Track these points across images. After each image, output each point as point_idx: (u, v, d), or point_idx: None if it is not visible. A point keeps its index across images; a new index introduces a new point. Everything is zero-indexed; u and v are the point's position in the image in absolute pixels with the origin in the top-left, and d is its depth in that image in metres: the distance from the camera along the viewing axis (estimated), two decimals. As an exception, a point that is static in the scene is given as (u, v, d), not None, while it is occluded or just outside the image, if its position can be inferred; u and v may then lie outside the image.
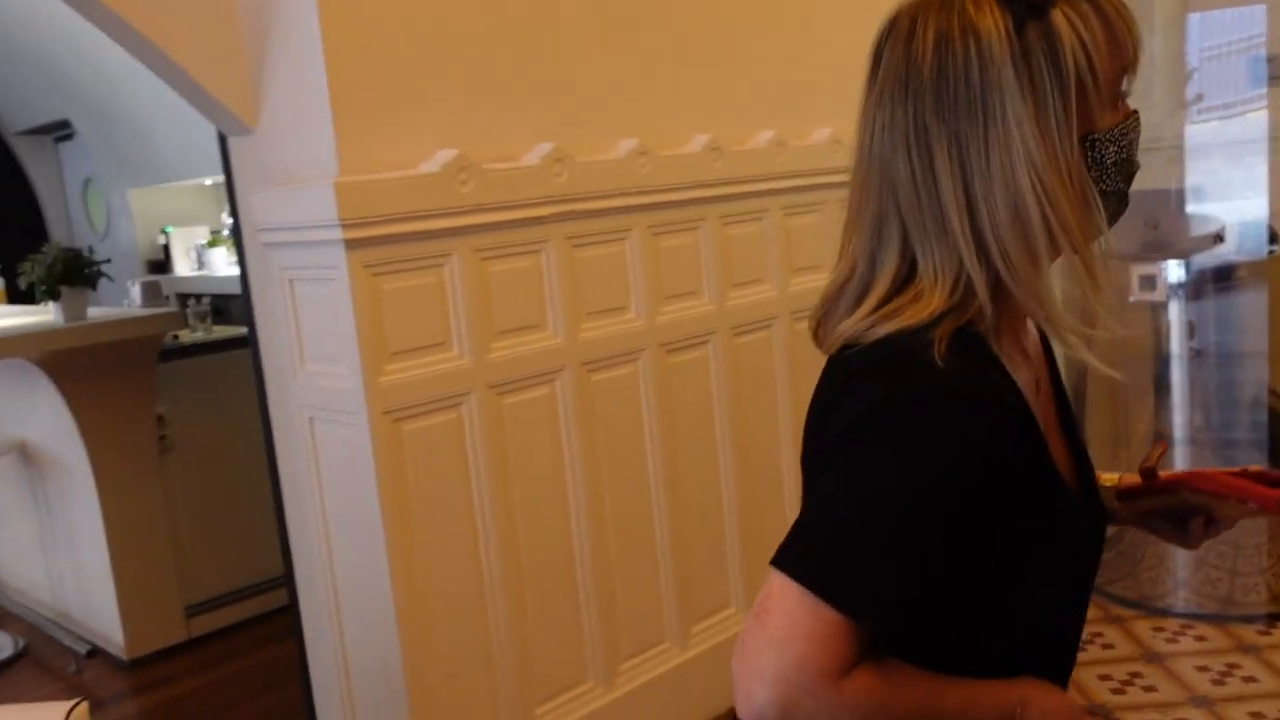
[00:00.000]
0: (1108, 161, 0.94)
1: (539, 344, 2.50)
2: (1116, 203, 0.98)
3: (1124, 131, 0.95)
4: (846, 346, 0.98)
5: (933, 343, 0.91)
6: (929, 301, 0.94)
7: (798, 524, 0.94)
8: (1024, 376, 0.99)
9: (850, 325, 0.98)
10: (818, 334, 1.05)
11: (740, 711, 0.89)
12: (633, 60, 2.72)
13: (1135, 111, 0.97)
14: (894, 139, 0.95)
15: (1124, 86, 0.96)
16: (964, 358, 0.91)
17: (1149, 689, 2.91)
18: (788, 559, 0.90)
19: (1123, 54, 0.94)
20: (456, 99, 2.38)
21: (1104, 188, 0.94)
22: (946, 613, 0.93)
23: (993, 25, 0.91)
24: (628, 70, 2.71)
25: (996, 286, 0.94)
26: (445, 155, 2.30)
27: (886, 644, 0.91)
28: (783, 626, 0.86)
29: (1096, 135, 0.94)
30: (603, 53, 2.66)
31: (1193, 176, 3.37)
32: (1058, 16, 0.91)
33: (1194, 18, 3.54)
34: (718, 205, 2.88)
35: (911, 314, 0.94)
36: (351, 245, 2.16)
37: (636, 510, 2.75)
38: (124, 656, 3.65)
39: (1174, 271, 3.26)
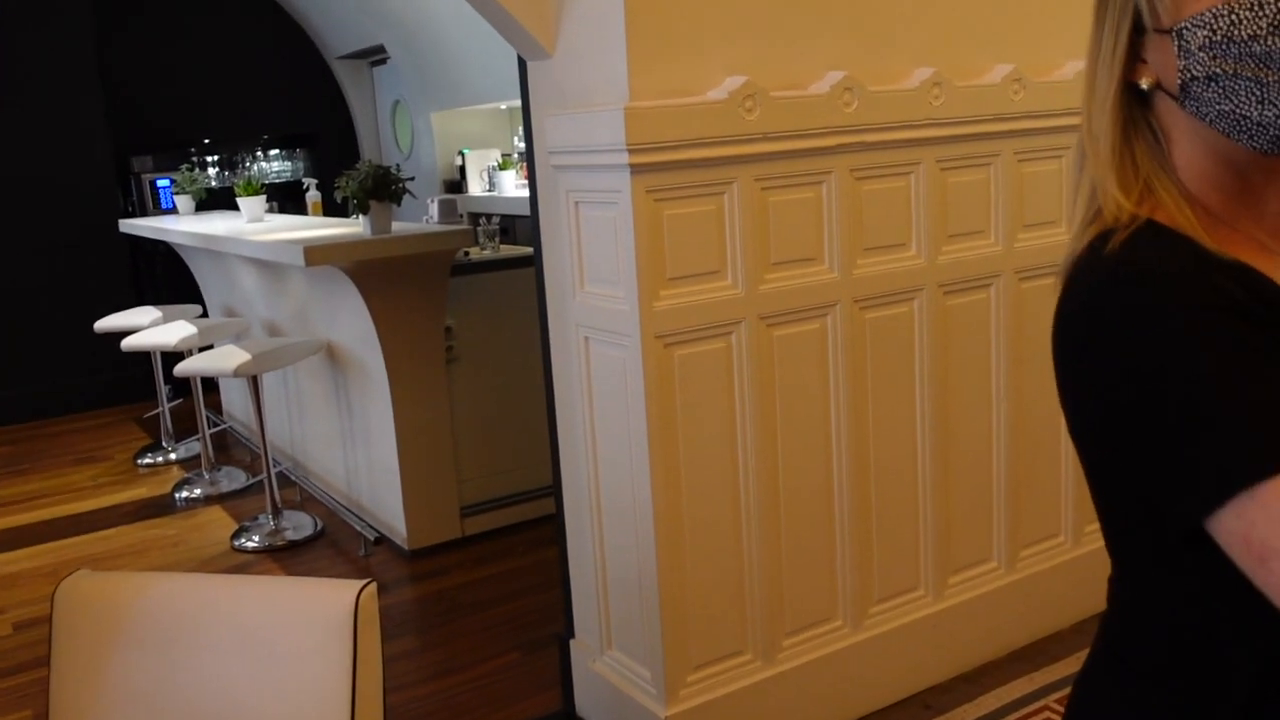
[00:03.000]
0: (1194, 47, 0.88)
1: (813, 278, 2.46)
2: (1233, 85, 0.88)
3: (1220, 14, 0.86)
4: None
5: (1110, 239, 0.91)
6: (1105, 200, 0.96)
7: (1171, 462, 0.84)
8: (1257, 260, 0.91)
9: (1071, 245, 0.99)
10: None
11: None
12: (933, -14, 2.59)
13: None
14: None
15: None
16: (1148, 249, 0.90)
17: None
18: (1195, 504, 0.81)
19: None
20: (748, 26, 2.35)
21: (1195, 72, 0.89)
22: None
23: None
24: (927, -4, 2.58)
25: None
26: (733, 82, 2.28)
27: None
28: (1267, 527, 0.76)
29: (1184, 23, 0.89)
30: (901, -22, 2.54)
31: None
32: None
33: None
34: (1015, 140, 2.71)
35: (1098, 222, 0.96)
36: (636, 170, 2.20)
37: (901, 453, 2.68)
38: (405, 547, 3.96)
39: None
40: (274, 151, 7.42)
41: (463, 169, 7.02)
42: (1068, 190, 1.05)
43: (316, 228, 4.46)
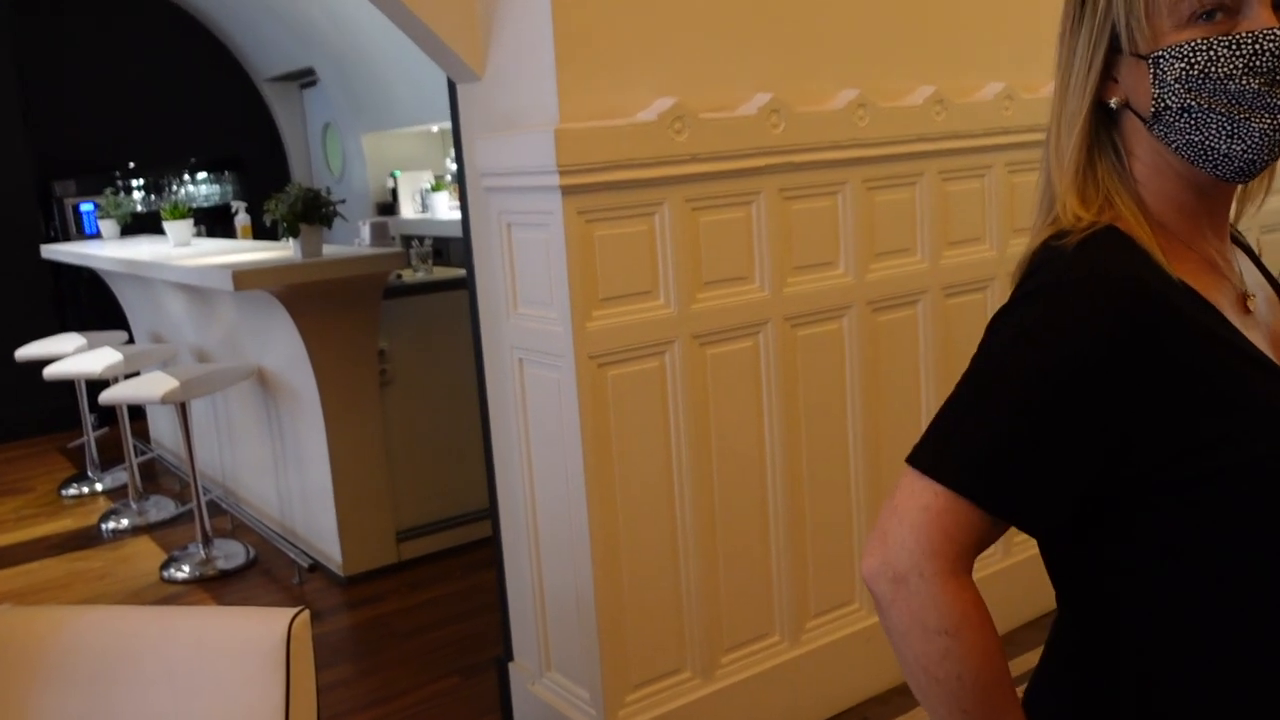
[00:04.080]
0: (1169, 78, 0.92)
1: (744, 296, 2.49)
2: (1204, 119, 0.93)
3: (1200, 48, 0.91)
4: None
5: (1065, 238, 0.95)
6: (1064, 211, 0.99)
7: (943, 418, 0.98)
8: (1205, 281, 0.96)
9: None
10: None
11: (862, 572, 0.96)
12: (855, 9, 2.65)
13: (1253, 31, 0.91)
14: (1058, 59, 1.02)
15: (1207, 4, 0.91)
16: (1099, 250, 0.93)
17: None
18: (912, 452, 0.96)
19: None
20: (677, 48, 2.38)
21: (1169, 103, 0.93)
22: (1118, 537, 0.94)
23: None
24: (850, 20, 2.64)
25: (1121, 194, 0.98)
26: (662, 104, 2.30)
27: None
28: (903, 499, 0.94)
29: (1161, 52, 0.92)
30: (824, 2, 2.59)
31: None
32: None
33: None
34: (939, 160, 2.78)
35: (1054, 225, 0.99)
36: (568, 192, 2.21)
37: (834, 468, 2.72)
38: (340, 573, 3.91)
39: None
40: (201, 175, 7.30)
41: (395, 191, 6.98)
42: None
43: (246, 251, 4.40)
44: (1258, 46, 0.90)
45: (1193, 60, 0.91)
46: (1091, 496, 0.92)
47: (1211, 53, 0.91)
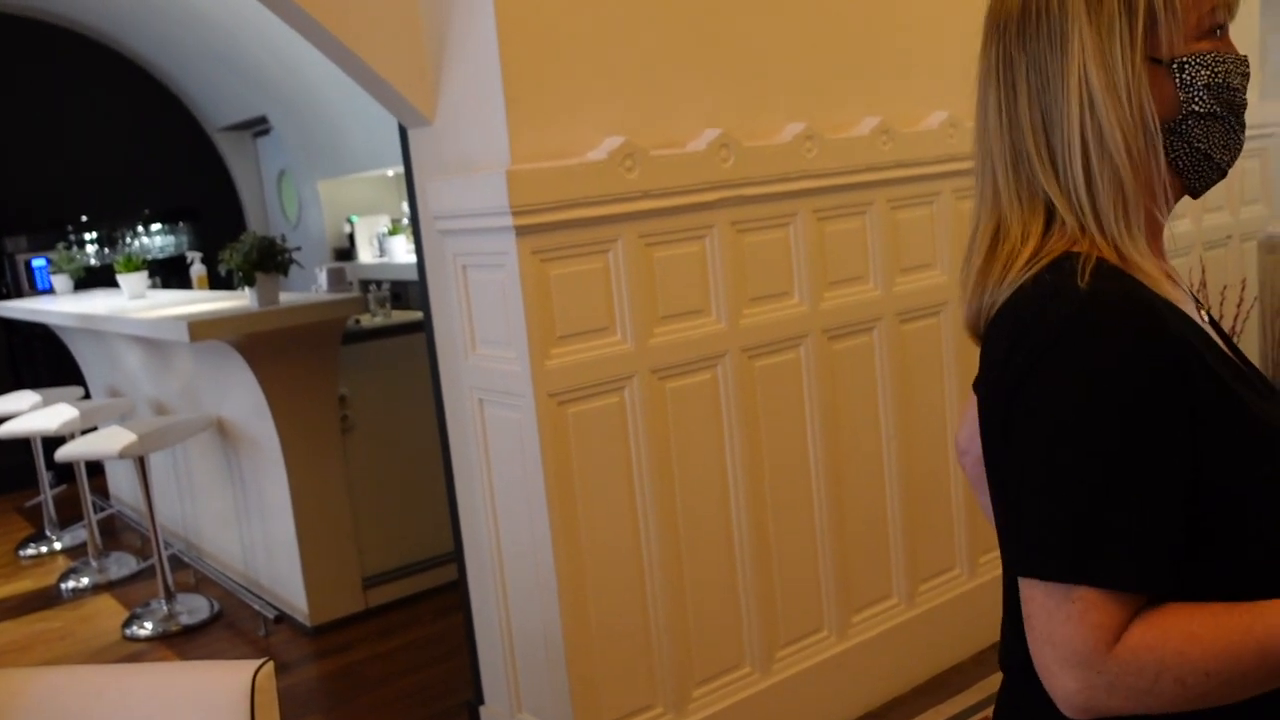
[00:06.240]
0: (1198, 84, 0.95)
1: (702, 329, 2.51)
2: (1215, 127, 0.96)
3: (1218, 60, 0.95)
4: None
5: (1074, 271, 0.90)
6: (1029, 245, 0.96)
7: (1018, 518, 0.92)
8: (1178, 296, 0.98)
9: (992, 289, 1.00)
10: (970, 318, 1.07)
11: (1070, 715, 0.90)
12: (800, 44, 2.70)
13: (1236, 53, 0.97)
14: (987, 81, 1.01)
15: (1221, 19, 0.95)
16: (1106, 280, 0.90)
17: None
18: (1020, 561, 0.90)
19: None
20: (625, 87, 2.41)
21: (1196, 108, 0.95)
22: (1197, 537, 0.89)
23: None
24: (796, 54, 2.69)
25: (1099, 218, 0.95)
26: (612, 143, 2.33)
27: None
28: (1043, 623, 0.88)
29: (1185, 59, 0.94)
30: (769, 38, 2.64)
31: None
32: None
33: None
34: (886, 189, 2.82)
35: (1028, 262, 0.96)
36: (521, 232, 2.23)
37: (797, 497, 2.73)
38: (307, 623, 3.87)
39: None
40: (156, 226, 7.26)
41: (352, 236, 6.97)
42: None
43: (202, 302, 4.37)
44: (1244, 69, 0.97)
45: (1215, 69, 0.95)
46: None
47: (1226, 65, 0.96)
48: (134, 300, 4.87)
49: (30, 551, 5.15)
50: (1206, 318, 1.04)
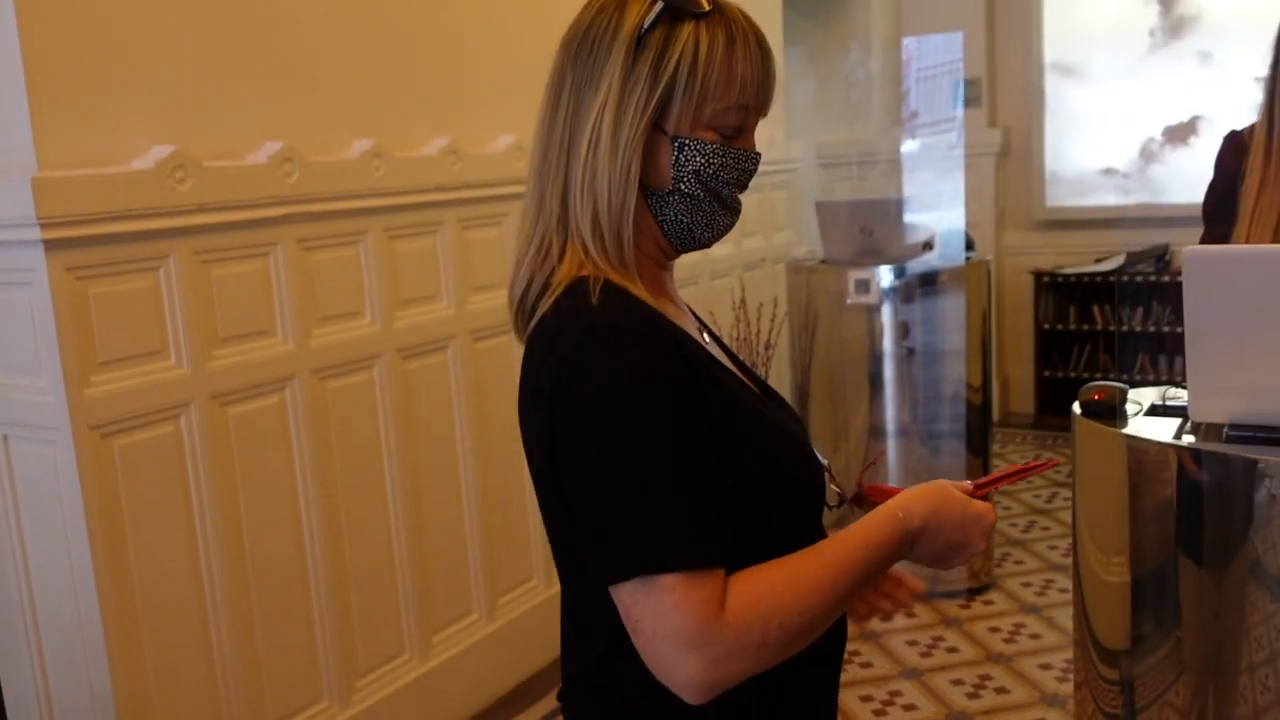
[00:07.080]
0: (690, 167, 1.05)
1: (267, 351, 2.39)
2: (699, 207, 1.07)
3: (716, 151, 1.05)
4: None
5: (586, 294, 0.99)
6: (560, 262, 1.05)
7: (588, 532, 0.97)
8: (677, 314, 1.10)
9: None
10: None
11: (693, 702, 0.93)
12: (367, 61, 2.65)
13: (749, 150, 1.08)
14: (547, 91, 1.07)
15: (737, 121, 1.05)
16: (615, 300, 0.99)
17: (865, 665, 3.11)
18: (606, 573, 0.94)
19: (735, 93, 1.03)
20: (174, 94, 2.24)
21: (683, 187, 1.05)
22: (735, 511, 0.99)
23: (637, 11, 1.02)
24: (362, 70, 2.64)
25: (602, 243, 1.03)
26: (160, 152, 2.16)
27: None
28: (651, 621, 0.92)
29: (688, 140, 1.04)
30: (335, 53, 2.57)
31: (908, 188, 3.65)
32: (687, 28, 1.01)
33: (909, 41, 3.84)
34: (457, 209, 2.85)
35: (555, 283, 1.04)
36: (52, 246, 1.99)
37: (374, 520, 2.68)
38: None
39: (886, 277, 3.50)
40: None
41: None
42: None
43: None
44: (747, 163, 1.07)
45: (709, 159, 1.04)
46: None
47: (723, 159, 1.05)
48: None
49: None
50: (708, 337, 1.17)
